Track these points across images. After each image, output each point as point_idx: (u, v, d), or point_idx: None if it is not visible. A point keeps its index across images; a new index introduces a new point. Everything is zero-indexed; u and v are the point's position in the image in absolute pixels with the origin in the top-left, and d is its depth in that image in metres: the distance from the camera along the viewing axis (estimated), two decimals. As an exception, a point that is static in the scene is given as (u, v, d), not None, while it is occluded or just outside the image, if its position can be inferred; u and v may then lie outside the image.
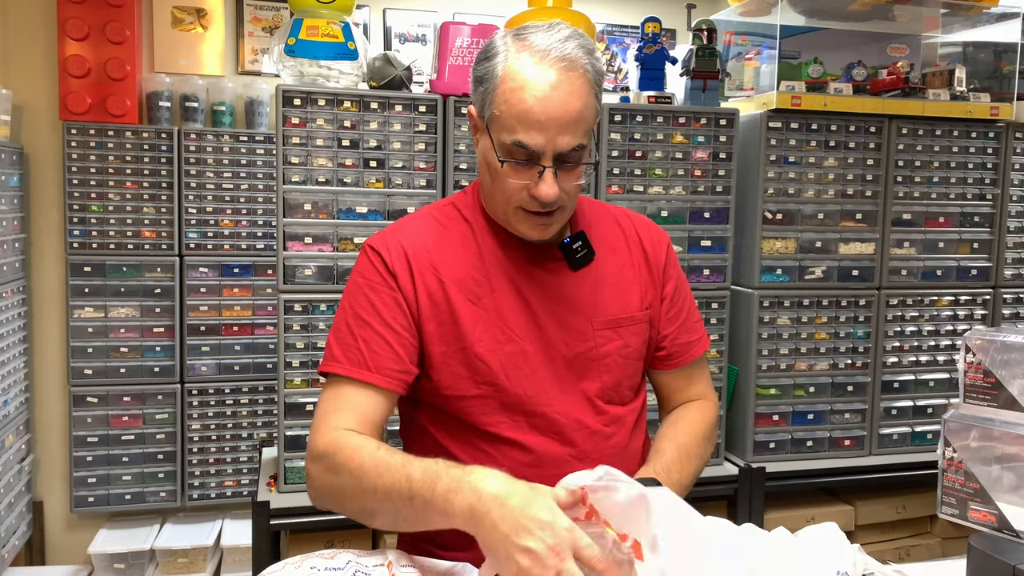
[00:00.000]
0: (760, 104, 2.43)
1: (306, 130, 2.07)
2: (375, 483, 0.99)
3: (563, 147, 1.09)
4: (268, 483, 2.14)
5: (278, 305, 2.09)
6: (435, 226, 1.23)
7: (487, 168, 1.16)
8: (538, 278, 1.21)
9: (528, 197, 1.12)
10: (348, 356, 1.14)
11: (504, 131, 1.10)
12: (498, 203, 1.17)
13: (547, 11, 2.31)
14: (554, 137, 1.08)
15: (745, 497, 2.35)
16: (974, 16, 2.67)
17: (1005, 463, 1.08)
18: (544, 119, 1.07)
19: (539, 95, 1.07)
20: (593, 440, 1.21)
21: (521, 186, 1.12)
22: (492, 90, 1.11)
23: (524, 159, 1.10)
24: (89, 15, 2.89)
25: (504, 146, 1.10)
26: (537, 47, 1.09)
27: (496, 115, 1.11)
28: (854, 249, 2.47)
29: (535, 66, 1.08)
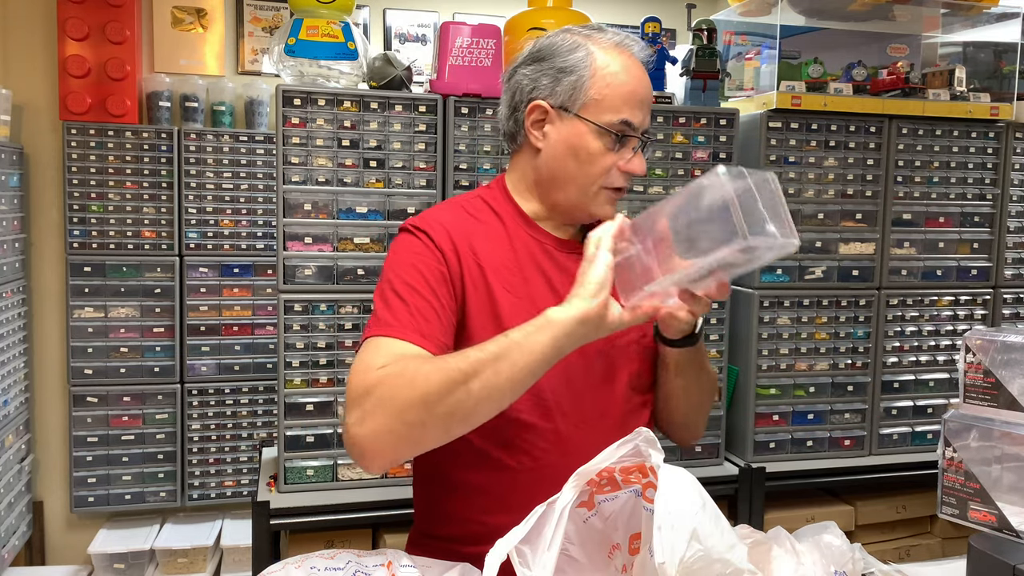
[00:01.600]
0: (760, 104, 2.43)
1: (306, 130, 2.07)
2: (465, 356, 1.00)
3: (648, 125, 1.24)
4: (268, 483, 2.14)
5: (278, 305, 2.09)
6: (467, 217, 1.26)
7: (574, 153, 1.21)
8: (566, 268, 1.25)
9: (618, 174, 1.22)
10: (400, 320, 1.11)
11: (607, 112, 1.19)
12: (580, 187, 1.23)
13: (547, 11, 2.30)
14: (647, 115, 1.23)
15: (745, 497, 2.35)
16: (974, 16, 2.67)
17: (1005, 463, 1.08)
18: (644, 96, 1.22)
19: (636, 78, 1.21)
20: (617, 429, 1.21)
21: (613, 163, 1.21)
22: (588, 77, 1.20)
23: (627, 135, 1.21)
24: (89, 15, 2.89)
25: (613, 125, 1.19)
26: (611, 39, 1.23)
27: (597, 99, 1.19)
28: (854, 249, 2.47)
29: (622, 54, 1.22)
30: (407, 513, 2.06)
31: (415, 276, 1.16)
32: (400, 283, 1.15)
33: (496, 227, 1.26)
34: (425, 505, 1.32)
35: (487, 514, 1.20)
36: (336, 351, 2.11)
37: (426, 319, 1.11)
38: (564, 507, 0.89)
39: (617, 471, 0.94)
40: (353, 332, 2.12)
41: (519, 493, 1.15)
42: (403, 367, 1.01)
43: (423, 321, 1.11)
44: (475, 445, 1.18)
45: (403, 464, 2.16)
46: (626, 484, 0.95)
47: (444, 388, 0.97)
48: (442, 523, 1.27)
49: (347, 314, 2.12)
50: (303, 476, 2.10)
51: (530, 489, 1.13)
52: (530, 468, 1.19)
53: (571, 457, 1.13)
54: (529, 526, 0.88)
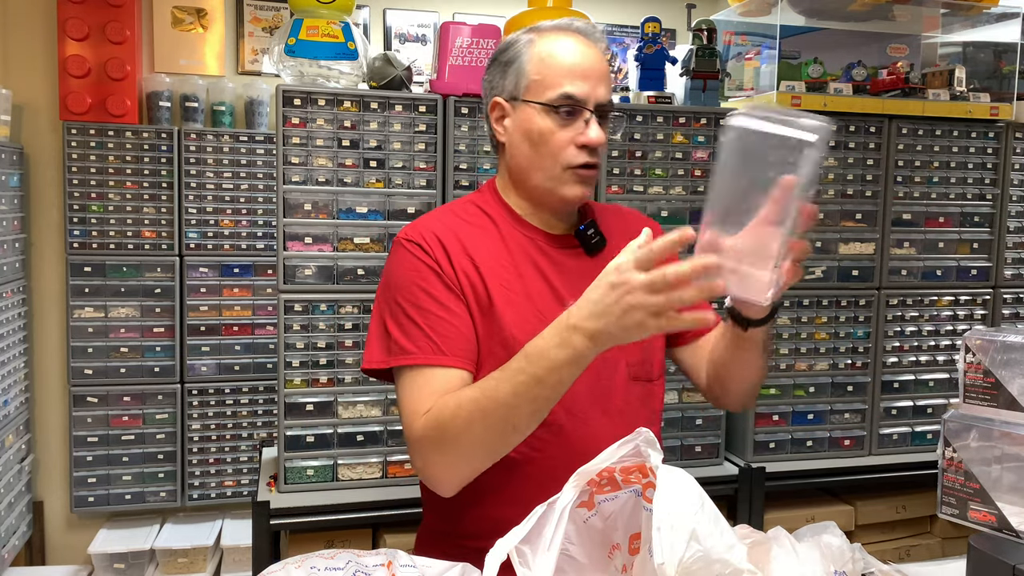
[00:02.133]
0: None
1: (306, 130, 2.07)
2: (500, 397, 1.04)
3: (602, 97, 1.22)
4: (268, 483, 2.14)
5: (278, 305, 2.09)
6: (459, 221, 1.28)
7: (527, 140, 1.23)
8: (560, 264, 1.27)
9: (575, 150, 1.21)
10: (419, 346, 1.16)
11: (548, 89, 1.21)
12: (545, 167, 1.23)
13: (547, 11, 2.30)
14: (595, 86, 1.21)
15: (745, 497, 2.35)
16: (974, 16, 2.67)
17: (1005, 463, 1.08)
18: (587, 68, 1.21)
19: (578, 50, 1.22)
20: (618, 418, 1.25)
21: (568, 140, 1.21)
22: (524, 64, 1.23)
23: (571, 109, 1.20)
24: (89, 15, 2.89)
25: (552, 100, 1.20)
26: (564, 25, 1.25)
27: (536, 80, 1.22)
28: (854, 249, 2.47)
29: (563, 34, 1.23)
30: (407, 513, 2.07)
31: (420, 295, 1.19)
32: (409, 305, 1.18)
33: (489, 228, 1.28)
34: (432, 500, 1.33)
35: (490, 507, 1.22)
36: (336, 351, 2.11)
37: (443, 336, 1.16)
38: (564, 507, 0.90)
39: (617, 471, 0.94)
40: (353, 332, 2.12)
41: (521, 485, 1.19)
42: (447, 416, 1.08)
43: (441, 339, 1.15)
44: None
45: (402, 464, 2.17)
46: (626, 484, 0.95)
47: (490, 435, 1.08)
48: (449, 518, 1.29)
49: (347, 314, 2.12)
50: (303, 476, 2.10)
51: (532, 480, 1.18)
52: (532, 459, 1.20)
53: (571, 447, 1.19)
54: (529, 526, 0.88)
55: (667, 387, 2.32)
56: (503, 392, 1.05)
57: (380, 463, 2.16)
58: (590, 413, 1.24)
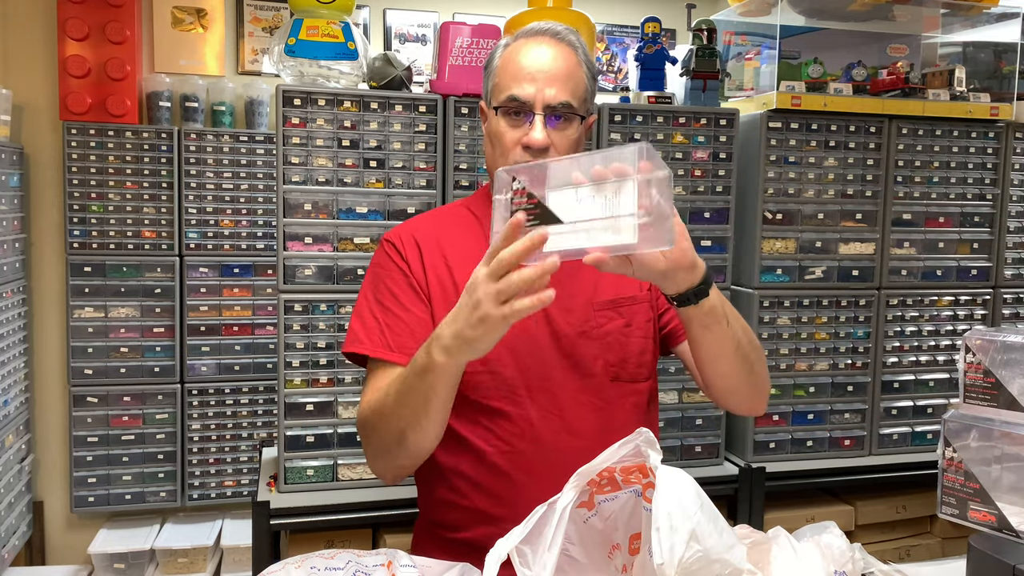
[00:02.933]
0: (760, 104, 2.43)
1: (306, 130, 2.07)
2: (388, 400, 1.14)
3: (551, 99, 1.21)
4: (268, 483, 2.14)
5: (278, 305, 2.09)
6: (445, 220, 1.36)
7: (490, 140, 1.29)
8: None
9: (521, 151, 1.23)
10: (371, 338, 1.25)
11: (501, 92, 1.25)
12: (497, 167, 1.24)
13: (547, 11, 2.30)
14: (543, 88, 1.21)
15: (745, 497, 2.35)
16: (974, 16, 2.67)
17: (1005, 463, 1.08)
18: (534, 71, 1.22)
19: (531, 55, 1.24)
20: (593, 416, 1.26)
21: (516, 140, 1.23)
22: (494, 69, 1.28)
23: (516, 110, 1.23)
24: (89, 15, 2.89)
25: (501, 102, 1.24)
26: (532, 28, 1.28)
27: (496, 83, 1.27)
28: (854, 249, 2.47)
29: (529, 39, 1.26)
30: (407, 513, 2.07)
31: (383, 291, 1.28)
32: (373, 301, 1.28)
33: (472, 226, 1.34)
34: (422, 492, 1.38)
35: (469, 499, 1.25)
36: (336, 351, 2.11)
37: (392, 331, 1.24)
38: (565, 507, 0.90)
39: (618, 471, 0.94)
40: (353, 332, 2.12)
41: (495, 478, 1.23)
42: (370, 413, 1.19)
43: (390, 334, 1.24)
44: (455, 431, 1.24)
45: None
46: (626, 484, 0.95)
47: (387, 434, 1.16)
48: (436, 509, 1.33)
49: (347, 314, 2.12)
50: (303, 476, 2.10)
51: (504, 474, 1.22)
52: (504, 452, 1.23)
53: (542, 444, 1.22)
54: (530, 526, 0.88)
55: (667, 387, 2.33)
56: (391, 395, 1.13)
57: (380, 463, 2.16)
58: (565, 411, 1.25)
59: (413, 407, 1.09)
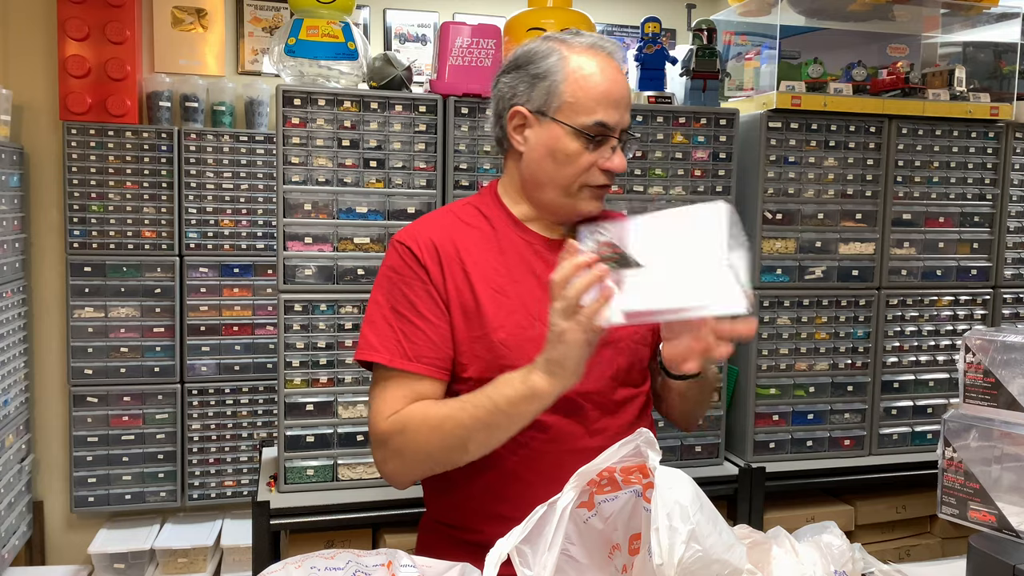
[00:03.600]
0: (760, 104, 2.43)
1: (306, 130, 2.07)
2: (461, 421, 1.14)
3: (627, 124, 1.27)
4: (268, 483, 2.14)
5: (278, 305, 2.09)
6: (458, 223, 1.31)
7: (552, 156, 1.26)
8: (554, 266, 1.27)
9: (598, 173, 1.25)
10: (387, 346, 1.23)
11: (581, 114, 1.23)
12: (562, 186, 1.27)
13: (547, 11, 2.30)
14: (624, 114, 1.26)
15: (745, 497, 2.35)
16: (974, 16, 2.67)
17: (1005, 463, 1.08)
18: (619, 98, 1.25)
19: (609, 79, 1.24)
20: (606, 418, 1.29)
21: (592, 162, 1.25)
22: (561, 81, 1.24)
23: (602, 136, 1.24)
24: (89, 15, 2.89)
25: (586, 127, 1.23)
26: (584, 41, 1.26)
27: (571, 102, 1.24)
28: (854, 249, 2.47)
29: (595, 56, 1.25)
30: (407, 513, 2.07)
31: (400, 299, 1.25)
32: (388, 308, 1.25)
33: (486, 231, 1.31)
34: (432, 492, 1.37)
35: (486, 502, 1.25)
36: (336, 351, 2.11)
37: (411, 341, 1.22)
38: (565, 507, 0.90)
39: (618, 471, 0.94)
40: (353, 332, 2.12)
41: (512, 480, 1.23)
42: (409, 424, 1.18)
43: (408, 344, 1.22)
44: None
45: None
46: (626, 484, 0.95)
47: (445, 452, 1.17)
48: (448, 510, 1.32)
49: (347, 314, 2.12)
50: (303, 476, 2.10)
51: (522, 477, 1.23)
52: (524, 457, 1.24)
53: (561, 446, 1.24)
54: (530, 526, 0.88)
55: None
56: (466, 415, 1.14)
57: (380, 463, 2.16)
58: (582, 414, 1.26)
59: (494, 431, 1.13)
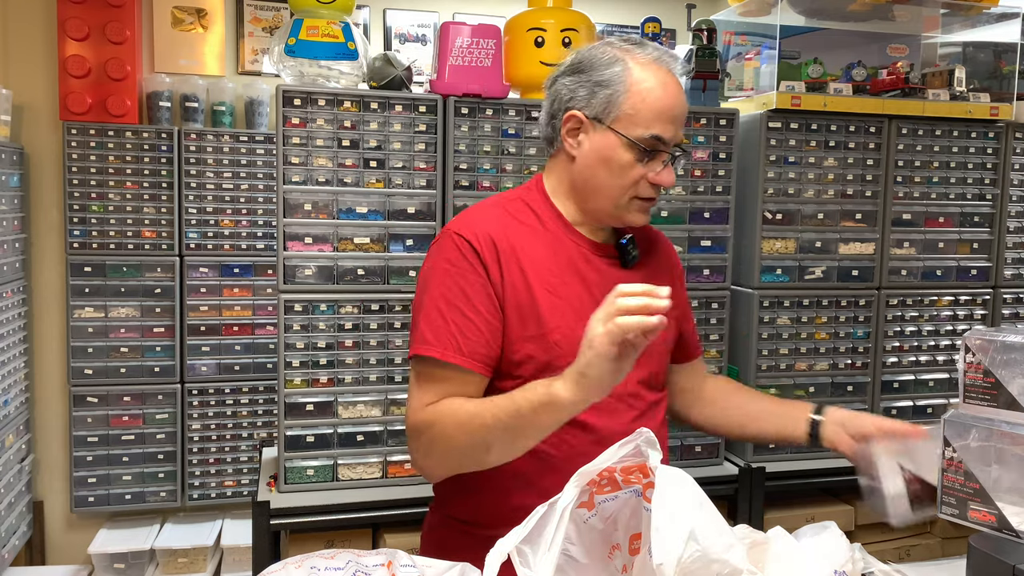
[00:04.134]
0: (760, 104, 2.43)
1: (306, 130, 2.07)
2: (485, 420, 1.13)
3: (680, 139, 1.28)
4: (268, 483, 2.14)
5: (278, 305, 2.09)
6: (509, 218, 1.31)
7: (605, 164, 1.26)
8: (601, 273, 1.32)
9: (647, 186, 1.27)
10: (441, 340, 1.22)
11: (640, 126, 1.24)
12: (612, 196, 1.28)
13: (547, 11, 2.30)
14: (679, 130, 1.27)
15: (745, 497, 2.35)
16: (974, 16, 2.67)
17: (1005, 463, 1.08)
18: (678, 114, 1.26)
19: (671, 94, 1.25)
20: (643, 419, 1.32)
21: (642, 175, 1.26)
22: (623, 92, 1.24)
23: (657, 150, 1.25)
24: (89, 15, 2.89)
25: (643, 140, 1.24)
26: (652, 57, 1.26)
27: (630, 114, 1.24)
28: (854, 249, 2.47)
29: (657, 72, 1.25)
30: (407, 513, 2.07)
31: (455, 292, 1.23)
32: (443, 301, 1.23)
33: (538, 229, 1.31)
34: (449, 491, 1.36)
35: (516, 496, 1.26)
36: (336, 351, 2.12)
37: (466, 336, 1.21)
38: (565, 507, 0.90)
39: (618, 471, 0.94)
40: (353, 332, 2.12)
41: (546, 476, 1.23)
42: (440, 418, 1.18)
43: (463, 339, 1.21)
44: None
45: (403, 464, 2.17)
46: (627, 484, 0.95)
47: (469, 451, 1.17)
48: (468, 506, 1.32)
49: (347, 314, 2.12)
50: (303, 476, 2.10)
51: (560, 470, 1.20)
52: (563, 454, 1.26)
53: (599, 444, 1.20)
54: (530, 526, 0.88)
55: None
56: (490, 415, 1.13)
57: (380, 463, 2.16)
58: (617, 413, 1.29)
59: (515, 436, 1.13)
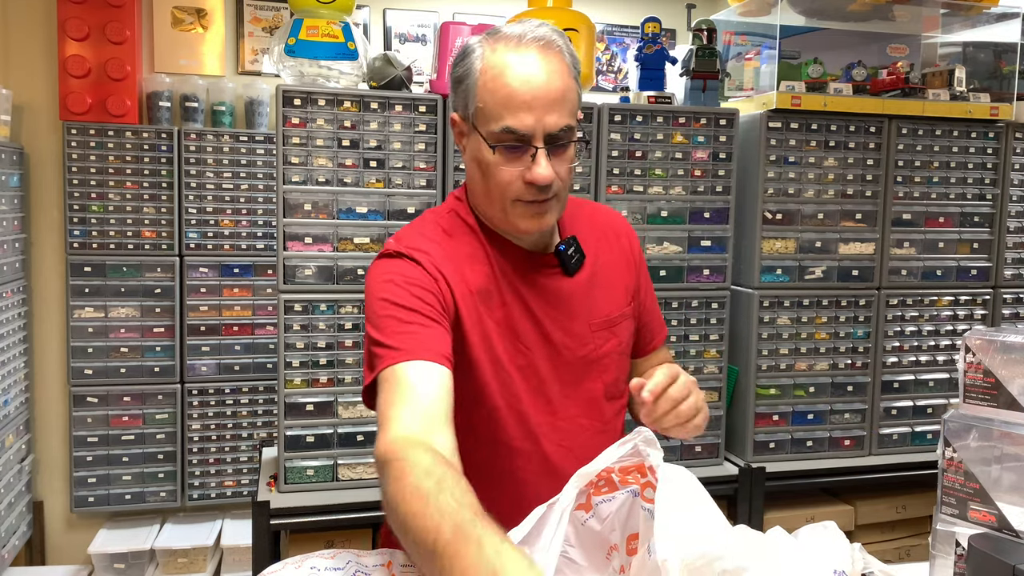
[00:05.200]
0: (760, 104, 2.43)
1: (306, 130, 2.07)
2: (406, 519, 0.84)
3: (552, 127, 1.07)
4: (268, 483, 2.14)
5: (278, 305, 2.09)
6: (446, 237, 1.18)
7: (478, 168, 1.13)
8: (539, 286, 1.20)
9: (524, 186, 1.09)
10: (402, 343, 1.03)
11: (491, 121, 1.08)
12: (494, 201, 1.13)
13: (547, 11, 2.30)
14: (542, 117, 1.07)
15: (745, 497, 2.35)
16: (974, 16, 2.67)
17: (1005, 463, 1.08)
18: (530, 99, 1.06)
19: (522, 76, 1.07)
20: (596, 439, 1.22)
21: (515, 175, 1.09)
22: (473, 85, 1.10)
23: (515, 144, 1.08)
24: (89, 15, 2.89)
25: (493, 135, 1.08)
26: (512, 35, 1.10)
27: (480, 107, 1.09)
28: (854, 249, 2.47)
29: (513, 51, 1.08)
30: (407, 513, 2.06)
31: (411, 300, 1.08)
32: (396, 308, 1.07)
33: (475, 246, 1.18)
34: None
35: None
36: (336, 351, 2.11)
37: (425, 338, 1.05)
38: (564, 509, 0.89)
39: (615, 471, 0.94)
40: (353, 332, 2.12)
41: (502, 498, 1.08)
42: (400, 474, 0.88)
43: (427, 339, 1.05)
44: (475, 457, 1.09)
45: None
46: (623, 484, 0.95)
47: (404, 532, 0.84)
48: None
49: (347, 314, 2.12)
50: (303, 476, 2.10)
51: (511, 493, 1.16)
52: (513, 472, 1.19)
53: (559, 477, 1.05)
54: (529, 527, 0.88)
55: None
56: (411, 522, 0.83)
57: (380, 463, 2.16)
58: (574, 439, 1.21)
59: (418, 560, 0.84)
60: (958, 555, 1.10)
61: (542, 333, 1.19)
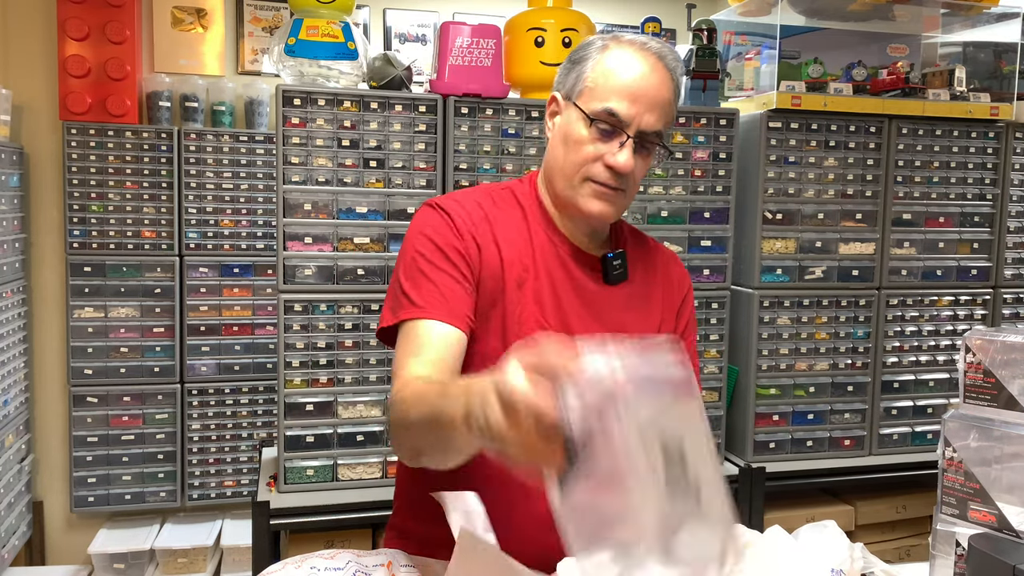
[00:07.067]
0: (760, 104, 2.43)
1: (306, 130, 2.07)
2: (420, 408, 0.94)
3: (647, 125, 1.17)
4: (268, 483, 2.14)
5: (278, 305, 2.09)
6: (492, 205, 1.26)
7: (563, 143, 1.22)
8: (575, 280, 1.25)
9: (602, 168, 1.18)
10: (427, 300, 1.14)
11: (596, 100, 1.18)
12: (569, 176, 1.21)
13: (547, 11, 2.30)
14: (642, 112, 1.17)
15: (745, 497, 2.35)
16: (974, 16, 2.67)
17: (1005, 463, 1.08)
18: (639, 92, 1.17)
19: (638, 71, 1.17)
20: None
21: (597, 155, 1.18)
22: (589, 68, 1.20)
23: (609, 128, 1.17)
24: (89, 15, 2.89)
25: (595, 112, 1.17)
26: (637, 40, 1.21)
27: (590, 87, 1.19)
28: (854, 249, 2.47)
29: (636, 51, 1.19)
30: (407, 513, 2.07)
31: (438, 257, 1.18)
32: (425, 263, 1.17)
33: (518, 220, 1.26)
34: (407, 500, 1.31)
35: None
36: (336, 351, 2.11)
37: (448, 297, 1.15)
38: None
39: None
40: (353, 332, 2.12)
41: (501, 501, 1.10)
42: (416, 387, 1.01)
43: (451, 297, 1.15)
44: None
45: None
46: None
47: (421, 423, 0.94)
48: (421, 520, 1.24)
49: (347, 314, 2.12)
50: (303, 476, 2.10)
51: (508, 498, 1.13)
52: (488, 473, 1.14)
53: None
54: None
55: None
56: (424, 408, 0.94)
57: (380, 463, 2.16)
58: None
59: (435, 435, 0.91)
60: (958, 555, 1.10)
61: (563, 322, 1.22)
